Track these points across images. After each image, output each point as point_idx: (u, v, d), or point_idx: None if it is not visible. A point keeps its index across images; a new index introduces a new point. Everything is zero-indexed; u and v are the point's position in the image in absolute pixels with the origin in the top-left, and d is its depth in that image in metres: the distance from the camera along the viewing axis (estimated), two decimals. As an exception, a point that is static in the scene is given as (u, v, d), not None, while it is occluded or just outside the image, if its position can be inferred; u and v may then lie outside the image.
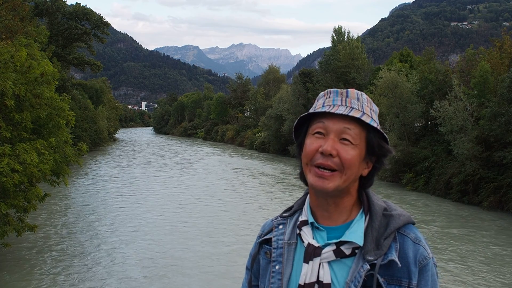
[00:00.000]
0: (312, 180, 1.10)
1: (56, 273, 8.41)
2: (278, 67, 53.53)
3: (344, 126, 1.09)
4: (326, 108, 1.11)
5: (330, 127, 1.10)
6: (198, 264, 9.15)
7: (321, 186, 1.09)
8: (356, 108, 1.11)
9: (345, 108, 1.10)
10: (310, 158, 1.11)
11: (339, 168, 1.08)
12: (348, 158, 1.08)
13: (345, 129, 1.09)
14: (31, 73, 8.91)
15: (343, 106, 1.11)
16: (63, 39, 32.78)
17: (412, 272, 1.07)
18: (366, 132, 1.11)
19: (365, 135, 1.11)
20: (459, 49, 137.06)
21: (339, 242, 1.11)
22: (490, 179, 15.85)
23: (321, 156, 1.09)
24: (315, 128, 1.13)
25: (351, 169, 1.09)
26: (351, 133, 1.09)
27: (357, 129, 1.10)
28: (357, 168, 1.11)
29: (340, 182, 1.09)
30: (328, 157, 1.08)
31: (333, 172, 1.08)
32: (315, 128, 1.12)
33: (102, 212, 13.83)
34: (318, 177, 1.09)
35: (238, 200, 16.66)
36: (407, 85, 21.41)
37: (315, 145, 1.11)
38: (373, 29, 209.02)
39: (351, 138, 1.09)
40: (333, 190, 1.09)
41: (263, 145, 40.70)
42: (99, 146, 38.97)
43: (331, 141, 1.09)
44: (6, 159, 7.62)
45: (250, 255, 1.28)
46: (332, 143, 1.08)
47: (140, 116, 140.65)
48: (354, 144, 1.09)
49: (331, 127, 1.10)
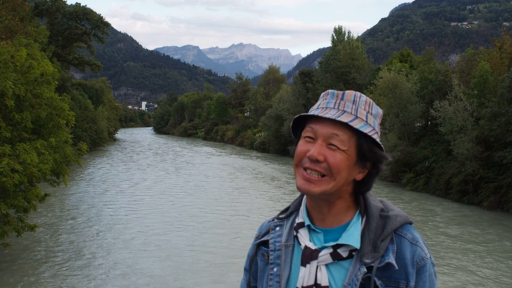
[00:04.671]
0: (299, 182, 1.10)
1: (56, 273, 8.42)
2: (278, 67, 53.40)
3: (332, 132, 1.08)
4: (317, 111, 1.10)
5: (319, 132, 1.09)
6: (197, 264, 9.16)
7: (307, 189, 1.09)
8: (348, 111, 1.09)
9: (335, 112, 1.09)
10: (299, 160, 1.11)
11: (328, 173, 1.07)
12: (335, 163, 1.07)
13: (332, 135, 1.08)
14: (31, 73, 8.91)
15: (334, 110, 1.09)
16: (63, 39, 32.78)
17: (409, 273, 1.06)
18: (356, 137, 1.09)
19: (355, 140, 1.08)
20: (459, 49, 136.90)
21: (336, 245, 1.10)
22: (490, 179, 15.84)
23: (309, 160, 1.08)
24: (306, 131, 1.12)
25: (339, 174, 1.08)
26: (339, 139, 1.07)
27: (346, 135, 1.08)
28: (346, 173, 1.09)
29: (327, 188, 1.08)
30: (315, 162, 1.08)
31: (322, 177, 1.08)
32: (306, 132, 1.12)
33: (102, 212, 13.83)
34: (305, 180, 1.09)
35: (238, 200, 16.66)
36: (407, 85, 21.40)
37: (304, 148, 1.10)
38: (373, 29, 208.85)
39: (339, 144, 1.07)
40: (319, 194, 1.09)
41: (263, 145, 40.68)
42: (99, 146, 38.97)
43: (318, 147, 1.08)
44: (6, 159, 7.63)
45: (248, 256, 1.28)
46: (318, 149, 1.08)
47: (140, 116, 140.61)
48: (341, 149, 1.07)
49: (320, 132, 1.09)
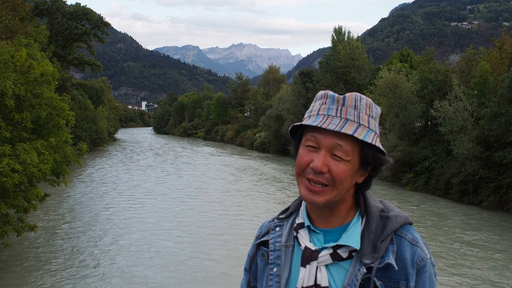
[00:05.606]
0: (304, 193, 1.09)
1: (56, 273, 8.42)
2: (278, 67, 53.43)
3: (336, 143, 1.06)
4: (319, 119, 1.08)
5: (322, 142, 1.07)
6: (200, 273, 9.16)
7: (311, 199, 1.08)
8: (351, 119, 1.07)
9: (338, 121, 1.07)
10: (302, 170, 1.10)
11: (331, 183, 1.07)
12: (339, 174, 1.06)
13: (336, 146, 1.06)
14: (31, 73, 8.91)
15: (337, 118, 1.07)
16: (63, 39, 32.78)
17: (409, 274, 1.06)
18: (360, 146, 1.08)
19: (358, 149, 1.08)
20: (459, 49, 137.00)
21: (336, 246, 1.10)
22: (490, 179, 15.83)
23: (312, 171, 1.07)
24: (307, 139, 1.10)
25: (342, 184, 1.07)
26: (343, 149, 1.06)
27: (349, 145, 1.07)
28: (349, 182, 1.09)
29: (331, 197, 1.08)
30: (319, 173, 1.07)
31: (324, 187, 1.07)
32: (307, 140, 1.10)
33: (102, 212, 13.83)
34: (309, 191, 1.08)
35: (237, 200, 16.66)
36: (407, 85, 21.40)
37: (307, 158, 1.09)
38: (373, 29, 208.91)
39: (343, 155, 1.06)
40: (324, 203, 1.09)
41: (263, 145, 40.67)
42: (99, 146, 38.97)
43: (322, 157, 1.06)
44: (6, 159, 7.63)
45: (248, 256, 1.28)
46: (323, 160, 1.06)
47: (140, 116, 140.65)
48: (345, 160, 1.07)
49: (323, 142, 1.07)
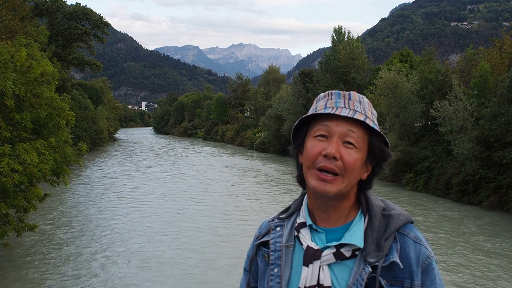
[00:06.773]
0: (315, 183, 1.07)
1: (56, 273, 8.41)
2: (278, 67, 53.46)
3: (348, 129, 1.07)
4: (329, 110, 1.08)
5: (334, 130, 1.08)
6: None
7: (323, 189, 1.06)
8: (359, 111, 1.09)
9: (349, 111, 1.08)
10: (312, 161, 1.08)
11: (341, 172, 1.06)
12: (351, 161, 1.06)
13: (349, 132, 1.07)
14: (31, 73, 8.90)
15: (346, 109, 1.09)
16: (63, 39, 32.77)
17: (414, 272, 1.06)
18: (368, 135, 1.10)
19: (367, 138, 1.10)
20: (459, 49, 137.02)
21: (339, 245, 1.09)
22: (490, 179, 15.83)
23: (324, 159, 1.06)
24: (317, 130, 1.10)
25: (352, 173, 1.07)
26: (355, 136, 1.07)
27: (360, 132, 1.08)
28: (358, 172, 1.09)
29: (342, 187, 1.07)
30: (332, 160, 1.06)
31: (335, 176, 1.06)
32: (317, 130, 1.10)
33: (102, 212, 13.82)
34: (321, 180, 1.07)
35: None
36: (407, 85, 21.41)
37: (317, 148, 1.08)
38: (373, 29, 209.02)
39: (355, 142, 1.07)
40: (335, 194, 1.07)
41: (263, 145, 40.68)
42: (99, 146, 38.96)
43: (335, 144, 1.06)
44: (6, 159, 7.62)
45: (247, 257, 1.27)
46: (336, 146, 1.06)
47: (140, 116, 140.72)
48: (357, 147, 1.07)
49: (335, 130, 1.08)
